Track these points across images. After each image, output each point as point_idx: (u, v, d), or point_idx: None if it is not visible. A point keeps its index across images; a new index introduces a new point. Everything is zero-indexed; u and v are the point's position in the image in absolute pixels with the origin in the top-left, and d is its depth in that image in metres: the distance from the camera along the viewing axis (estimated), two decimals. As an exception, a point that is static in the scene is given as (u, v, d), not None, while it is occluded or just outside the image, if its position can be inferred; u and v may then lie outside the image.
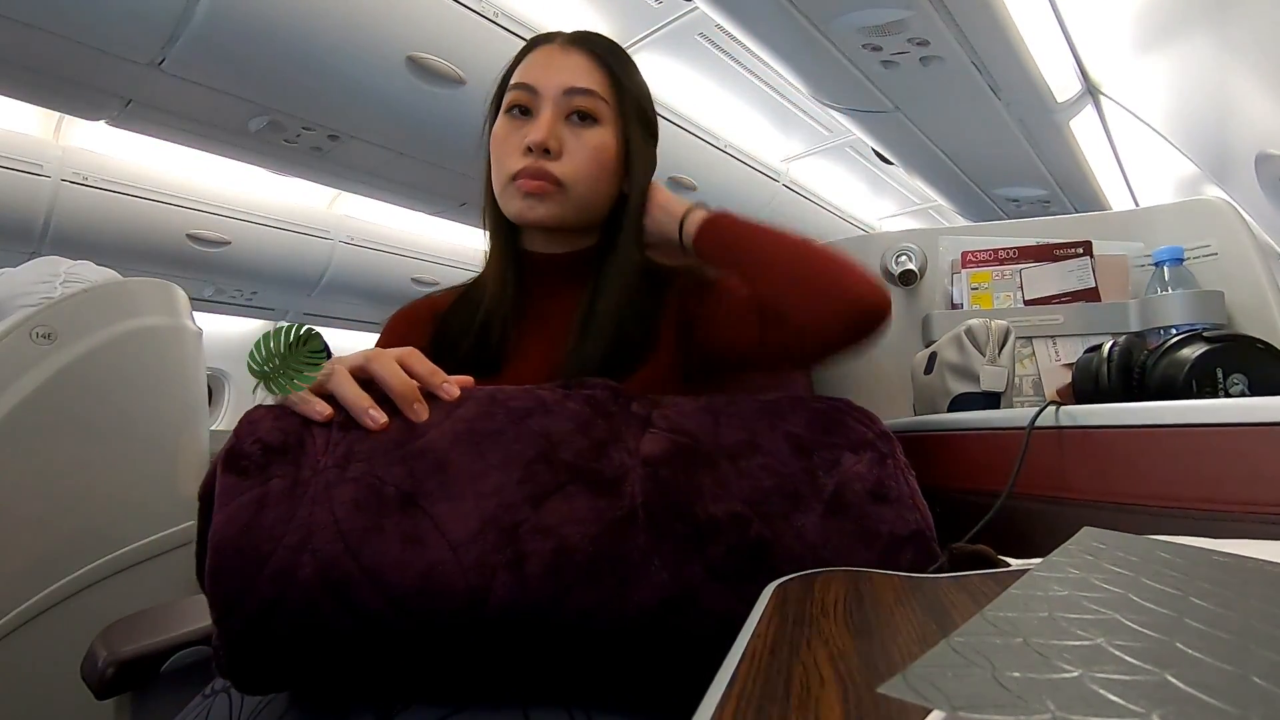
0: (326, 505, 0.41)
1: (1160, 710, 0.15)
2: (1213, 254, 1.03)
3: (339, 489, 0.42)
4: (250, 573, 0.39)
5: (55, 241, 2.19)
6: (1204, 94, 1.34)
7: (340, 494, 0.41)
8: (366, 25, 1.49)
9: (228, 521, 0.40)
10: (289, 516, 0.40)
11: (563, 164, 0.67)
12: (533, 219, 0.68)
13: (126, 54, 1.45)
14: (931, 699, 0.16)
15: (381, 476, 0.42)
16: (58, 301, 1.23)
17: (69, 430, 1.21)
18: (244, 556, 0.39)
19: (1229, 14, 1.10)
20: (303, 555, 0.39)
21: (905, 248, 1.20)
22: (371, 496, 0.42)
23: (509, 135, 0.69)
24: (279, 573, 0.39)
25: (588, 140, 0.69)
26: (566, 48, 0.72)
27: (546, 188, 0.67)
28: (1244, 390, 0.60)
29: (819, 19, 1.40)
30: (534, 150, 0.67)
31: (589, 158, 0.69)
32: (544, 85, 0.69)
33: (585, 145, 0.69)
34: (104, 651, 0.67)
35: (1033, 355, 1.03)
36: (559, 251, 0.74)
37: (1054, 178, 2.20)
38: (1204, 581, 0.28)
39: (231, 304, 3.02)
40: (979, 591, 0.35)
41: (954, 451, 0.81)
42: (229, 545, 0.40)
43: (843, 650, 0.28)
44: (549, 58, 0.71)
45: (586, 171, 0.68)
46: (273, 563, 0.39)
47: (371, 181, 2.21)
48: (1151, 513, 0.54)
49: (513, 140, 0.69)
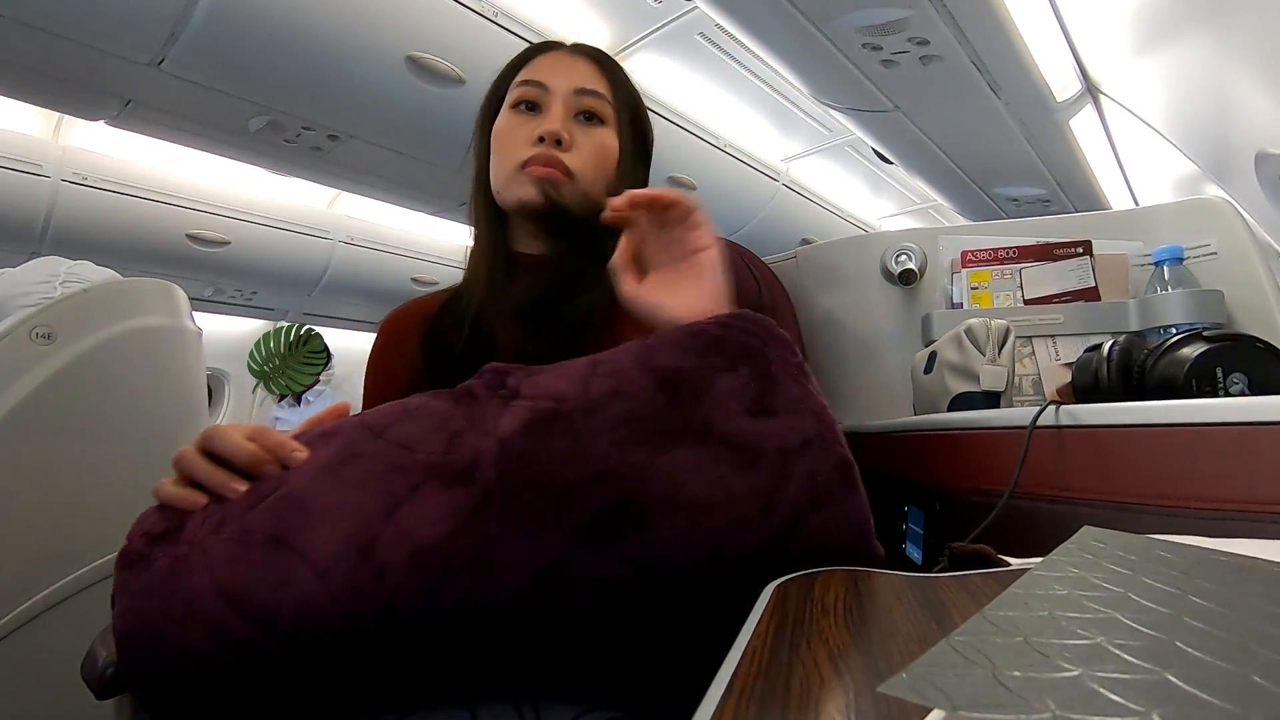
0: (205, 569, 0.43)
1: (1160, 709, 0.15)
2: (1212, 253, 1.03)
3: (214, 551, 0.43)
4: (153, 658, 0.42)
5: (55, 242, 2.19)
6: (1203, 93, 1.35)
7: (215, 555, 0.43)
8: (366, 25, 1.50)
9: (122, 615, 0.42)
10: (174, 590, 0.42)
11: (572, 156, 0.69)
12: (542, 200, 0.67)
13: (126, 54, 1.45)
14: (932, 698, 0.16)
15: (249, 527, 0.44)
16: (57, 301, 1.23)
17: (69, 431, 1.21)
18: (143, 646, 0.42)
19: (1228, 13, 1.10)
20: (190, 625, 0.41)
21: (905, 247, 1.20)
22: (241, 549, 0.43)
23: (517, 128, 0.70)
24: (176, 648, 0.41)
25: (595, 137, 0.71)
26: (573, 54, 0.74)
27: (557, 174, 0.68)
28: (1244, 389, 0.60)
29: (819, 18, 1.40)
30: (546, 140, 0.68)
31: (596, 153, 0.70)
32: (554, 83, 0.70)
33: (593, 141, 0.70)
34: (104, 651, 0.67)
35: (1033, 354, 1.03)
36: (548, 252, 0.73)
37: (1054, 177, 2.20)
38: (1203, 580, 0.28)
39: (231, 304, 3.02)
40: (979, 590, 0.35)
41: (955, 451, 0.81)
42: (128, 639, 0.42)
43: (843, 649, 0.28)
44: (557, 61, 0.73)
45: (593, 165, 0.70)
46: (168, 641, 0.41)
47: (371, 181, 2.22)
48: (1151, 512, 0.54)
49: (521, 132, 0.69)
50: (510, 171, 0.69)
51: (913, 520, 0.87)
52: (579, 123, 0.70)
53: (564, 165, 0.68)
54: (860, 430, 1.09)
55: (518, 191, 0.68)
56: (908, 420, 0.96)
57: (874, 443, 1.04)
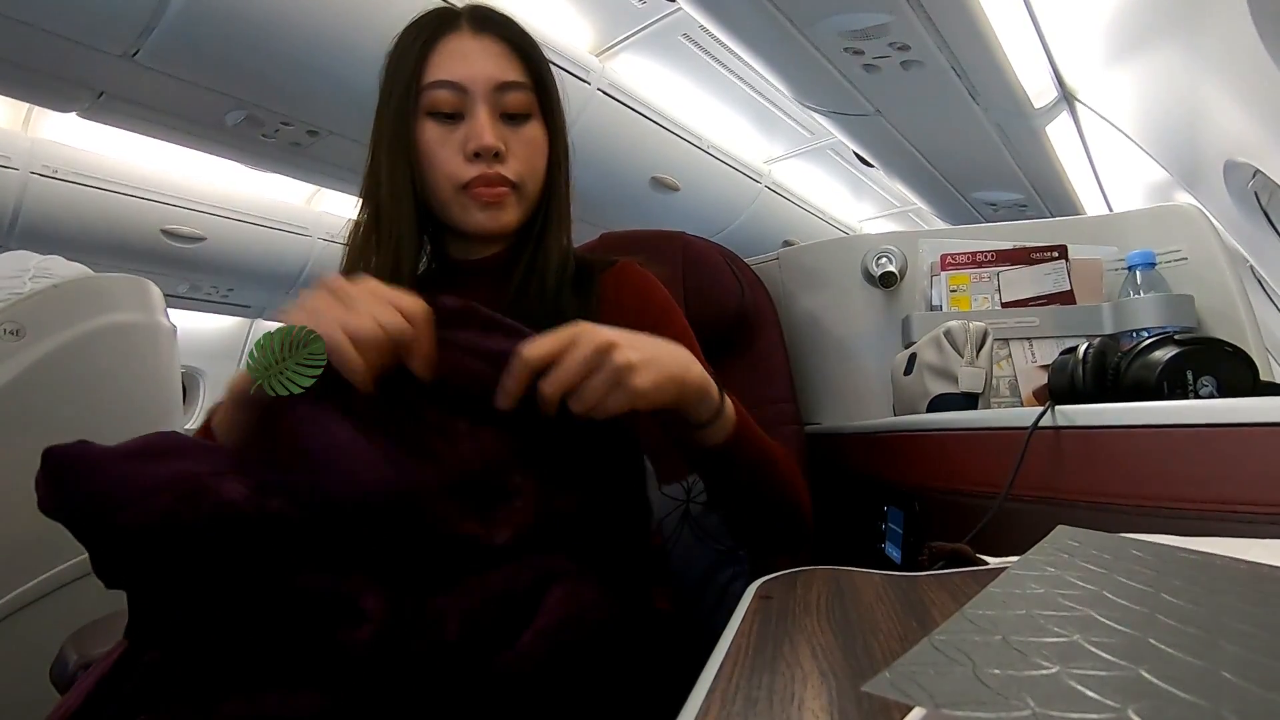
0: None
1: (1135, 705, 0.16)
2: (1183, 259, 1.05)
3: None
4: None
5: (24, 236, 2.14)
6: (1175, 102, 1.38)
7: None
8: (347, 19, 1.48)
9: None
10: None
11: (510, 165, 0.65)
12: (497, 228, 0.66)
13: (100, 45, 1.42)
14: (915, 697, 0.16)
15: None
16: (26, 297, 1.20)
17: (38, 428, 1.18)
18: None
19: (1199, 24, 1.12)
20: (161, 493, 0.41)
21: (886, 250, 1.22)
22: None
23: (443, 141, 0.65)
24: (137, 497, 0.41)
25: (525, 136, 0.67)
26: (479, 35, 0.66)
27: (505, 194, 0.65)
28: (1213, 392, 0.61)
29: (802, 22, 1.41)
30: (483, 155, 0.64)
31: (530, 154, 0.67)
32: (472, 83, 0.64)
33: (524, 141, 0.66)
34: (74, 654, 0.66)
35: (1009, 356, 1.04)
36: (483, 255, 0.71)
37: (1030, 182, 2.23)
38: (1175, 579, 0.28)
39: (207, 301, 2.97)
40: (958, 589, 0.36)
41: (936, 451, 0.82)
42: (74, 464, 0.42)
43: (825, 648, 0.29)
44: (465, 49, 0.66)
45: (530, 168, 0.67)
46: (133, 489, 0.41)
47: (351, 178, 2.18)
48: (1124, 510, 0.55)
49: (450, 146, 0.65)
50: (451, 193, 0.65)
51: (892, 520, 0.88)
52: (506, 124, 0.66)
53: (508, 180, 0.65)
54: (841, 431, 1.11)
55: (468, 218, 0.66)
56: (888, 421, 0.97)
57: (854, 443, 1.05)
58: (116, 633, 0.71)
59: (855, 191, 2.94)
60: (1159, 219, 1.10)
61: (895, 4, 1.33)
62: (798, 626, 0.32)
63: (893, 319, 1.19)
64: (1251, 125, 1.20)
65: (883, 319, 1.22)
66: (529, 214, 0.69)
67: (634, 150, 2.16)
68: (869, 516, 0.96)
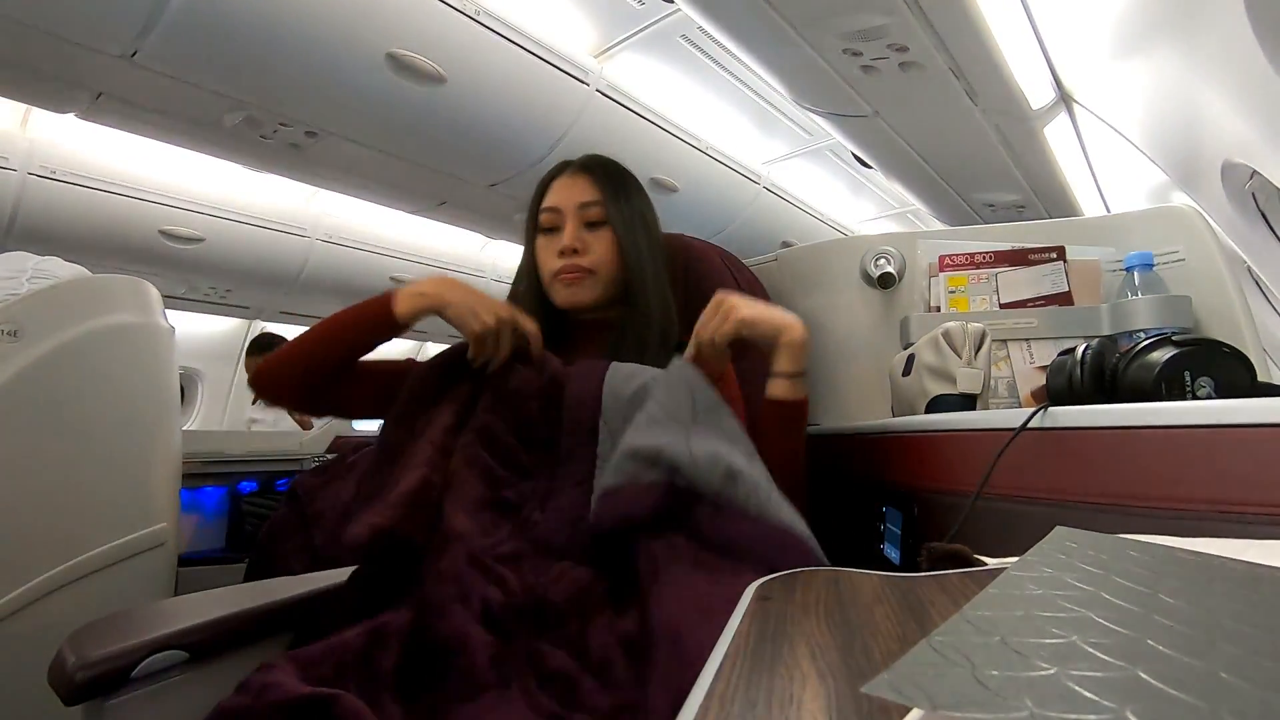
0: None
1: (1133, 706, 0.16)
2: (1181, 260, 1.05)
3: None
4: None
5: (21, 236, 2.13)
6: (1173, 103, 1.38)
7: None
8: (346, 20, 1.48)
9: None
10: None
11: (587, 258, 0.93)
12: (575, 301, 0.93)
13: (98, 45, 1.42)
14: (914, 698, 0.16)
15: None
16: (24, 298, 1.20)
17: (36, 430, 1.18)
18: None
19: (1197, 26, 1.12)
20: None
21: (884, 251, 1.22)
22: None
23: (547, 246, 0.95)
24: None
25: (600, 238, 0.94)
26: (575, 175, 0.97)
27: (580, 276, 0.92)
28: (1211, 393, 0.61)
29: (800, 23, 1.41)
30: (565, 253, 0.92)
31: (604, 249, 0.94)
32: (565, 205, 0.94)
33: (599, 240, 0.94)
34: (73, 656, 0.66)
35: (1007, 358, 1.05)
36: (587, 319, 0.97)
37: (1029, 183, 2.24)
38: (1172, 579, 0.28)
39: (205, 302, 2.97)
40: (957, 590, 0.36)
41: (934, 452, 0.82)
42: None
43: (824, 648, 0.29)
44: (565, 184, 0.96)
45: (603, 259, 0.93)
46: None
47: (350, 179, 2.19)
48: (1122, 511, 0.55)
49: (550, 249, 0.94)
50: (549, 280, 0.95)
51: (890, 521, 0.88)
52: (587, 230, 0.94)
53: (582, 268, 0.92)
54: (839, 431, 1.11)
55: (558, 295, 0.94)
56: (886, 422, 0.97)
57: (853, 444, 1.05)
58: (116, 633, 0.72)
59: (854, 192, 2.94)
60: (1157, 220, 1.10)
61: (893, 5, 1.33)
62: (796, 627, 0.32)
63: (891, 320, 1.19)
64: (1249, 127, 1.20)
65: (881, 320, 1.22)
66: (610, 290, 0.94)
67: (632, 151, 2.16)
68: (868, 517, 0.96)
